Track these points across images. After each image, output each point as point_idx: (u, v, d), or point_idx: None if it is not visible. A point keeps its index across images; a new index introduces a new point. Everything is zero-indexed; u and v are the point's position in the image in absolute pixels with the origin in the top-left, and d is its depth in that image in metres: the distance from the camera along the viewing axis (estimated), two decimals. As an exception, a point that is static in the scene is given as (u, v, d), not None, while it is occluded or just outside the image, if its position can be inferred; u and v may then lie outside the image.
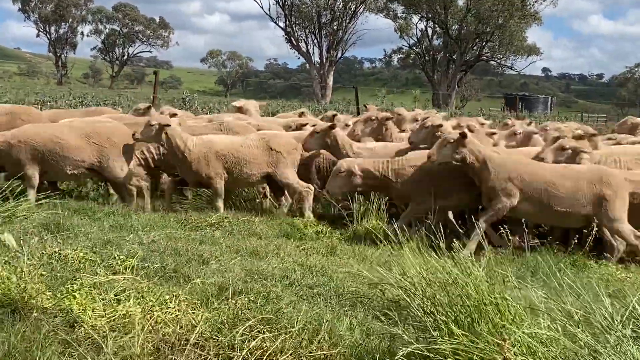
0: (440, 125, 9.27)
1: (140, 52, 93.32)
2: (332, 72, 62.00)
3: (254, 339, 4.26)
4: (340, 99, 63.58)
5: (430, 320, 4.18)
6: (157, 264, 6.01)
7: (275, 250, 6.97)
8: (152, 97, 19.08)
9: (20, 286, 4.76)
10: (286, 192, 9.24)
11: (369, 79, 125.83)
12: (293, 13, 61.81)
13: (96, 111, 12.69)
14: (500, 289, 4.30)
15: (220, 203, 8.86)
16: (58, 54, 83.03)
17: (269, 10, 62.35)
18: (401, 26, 66.25)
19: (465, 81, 69.31)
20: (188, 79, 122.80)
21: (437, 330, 4.05)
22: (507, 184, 7.86)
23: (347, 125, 11.47)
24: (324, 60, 61.72)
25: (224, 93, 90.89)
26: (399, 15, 66.22)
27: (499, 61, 66.92)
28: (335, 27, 61.75)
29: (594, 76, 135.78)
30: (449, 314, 4.13)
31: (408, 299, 4.60)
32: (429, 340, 4.03)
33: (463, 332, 3.89)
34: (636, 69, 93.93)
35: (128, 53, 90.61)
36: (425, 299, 4.45)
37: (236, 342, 4.28)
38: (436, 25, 65.95)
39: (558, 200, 7.83)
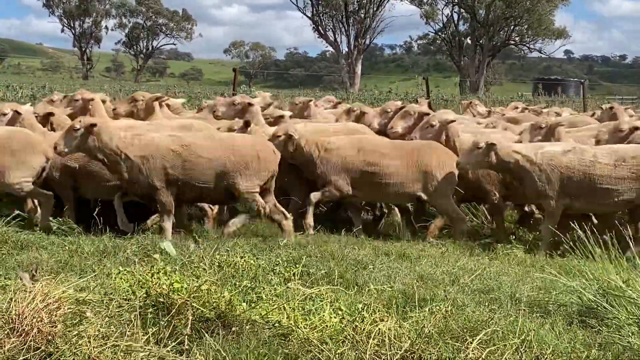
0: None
1: (165, 44, 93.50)
2: (360, 61, 61.75)
3: (471, 350, 4.24)
4: (372, 86, 63.45)
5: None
6: (322, 270, 6.01)
7: (422, 252, 6.97)
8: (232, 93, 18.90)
9: (224, 298, 4.76)
10: None
11: (390, 65, 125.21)
12: (320, 2, 61.60)
13: None
14: None
15: None
16: (83, 49, 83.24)
17: (296, 0, 62.02)
18: (427, 12, 65.77)
19: (490, 66, 68.82)
20: (209, 71, 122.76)
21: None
22: None
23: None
24: (352, 48, 61.50)
25: (246, 83, 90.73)
26: (425, 1, 65.77)
27: (527, 45, 66.36)
28: (362, 15, 61.49)
29: (617, 57, 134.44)
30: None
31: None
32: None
33: None
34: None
35: (152, 46, 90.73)
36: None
37: (460, 355, 4.24)
38: (462, 10, 65.45)
39: None
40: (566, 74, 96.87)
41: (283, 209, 7.87)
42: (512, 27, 63.98)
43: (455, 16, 66.80)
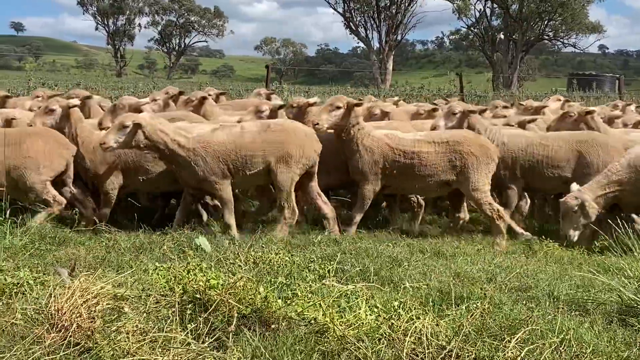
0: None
1: (197, 42, 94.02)
2: (391, 57, 61.54)
3: (509, 349, 4.19)
4: (403, 82, 63.13)
5: None
6: (357, 267, 5.99)
7: (457, 249, 6.92)
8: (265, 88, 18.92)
9: (259, 294, 4.77)
10: None
11: (421, 61, 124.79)
12: (351, -2, 61.60)
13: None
14: None
15: None
16: (116, 46, 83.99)
17: (329, -4, 61.97)
18: (459, 7, 65.24)
19: (523, 61, 68.11)
20: (240, 67, 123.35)
21: None
22: None
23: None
24: (383, 44, 61.31)
25: (277, 80, 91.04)
26: (458, -5, 65.25)
27: (562, 40, 65.56)
28: (394, 11, 61.26)
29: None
30: None
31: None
32: None
33: None
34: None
35: (184, 43, 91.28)
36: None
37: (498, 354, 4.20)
38: (495, 5, 64.84)
39: None
40: (600, 68, 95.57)
41: None
42: (545, 22, 63.24)
43: (488, 11, 66.21)
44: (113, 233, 7.14)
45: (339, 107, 7.78)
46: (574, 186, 7.85)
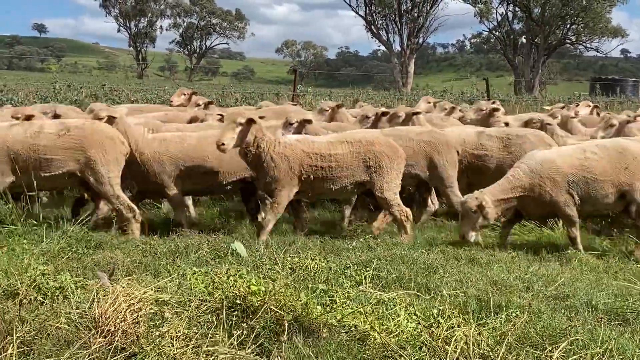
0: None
1: (218, 44, 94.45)
2: (413, 60, 61.46)
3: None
4: (424, 85, 62.99)
5: None
6: (393, 273, 6.00)
7: (492, 257, 6.91)
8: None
9: (300, 301, 4.78)
10: None
11: (442, 64, 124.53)
12: (373, 1, 61.49)
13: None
14: None
15: None
16: (138, 48, 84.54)
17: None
18: (481, 10, 65.04)
19: (545, 65, 67.77)
20: (261, 70, 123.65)
21: None
22: None
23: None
24: (405, 47, 61.23)
25: (299, 82, 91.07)
26: (479, -1, 65.05)
27: (584, 44, 65.16)
28: (415, 14, 61.17)
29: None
30: None
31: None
32: None
33: None
34: None
35: (205, 45, 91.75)
36: None
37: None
38: (517, 9, 64.59)
39: None
40: (623, 73, 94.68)
41: None
42: (568, 26, 62.91)
43: (510, 14, 65.97)
44: (149, 237, 7.20)
45: (241, 124, 7.81)
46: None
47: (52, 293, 5.00)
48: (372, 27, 62.20)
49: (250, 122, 7.72)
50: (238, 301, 4.78)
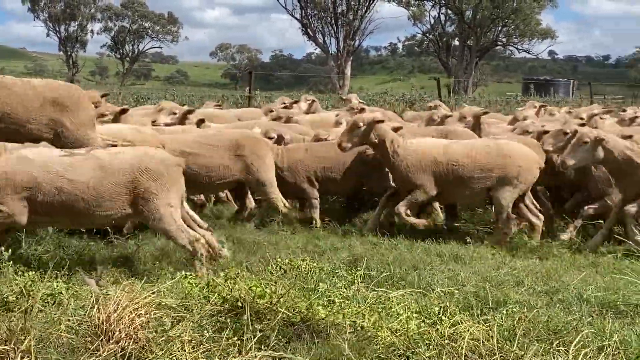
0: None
1: (151, 47, 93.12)
2: (349, 62, 61.75)
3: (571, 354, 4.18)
4: (358, 87, 63.31)
5: None
6: (384, 272, 5.98)
7: (475, 253, 6.95)
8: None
9: (305, 302, 4.71)
10: None
11: (375, 67, 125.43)
12: (309, 4, 61.57)
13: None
14: None
15: None
16: (68, 53, 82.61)
17: (285, 2, 61.83)
18: (414, 13, 65.88)
19: (477, 67, 69.03)
20: (194, 73, 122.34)
21: None
22: None
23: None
24: (341, 50, 61.46)
25: (232, 86, 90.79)
26: (412, 2, 65.86)
27: (515, 46, 66.63)
28: (351, 17, 61.46)
29: (600, 58, 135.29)
30: None
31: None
32: None
33: None
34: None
35: (138, 49, 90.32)
36: None
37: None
38: (450, 12, 65.64)
39: None
40: (551, 74, 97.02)
41: None
42: (499, 28, 64.25)
43: (443, 17, 67.03)
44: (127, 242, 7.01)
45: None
46: None
47: (44, 300, 4.82)
48: (309, 30, 62.28)
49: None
50: (239, 304, 4.69)
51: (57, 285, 4.94)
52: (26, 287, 4.86)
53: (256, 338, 4.25)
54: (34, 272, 5.13)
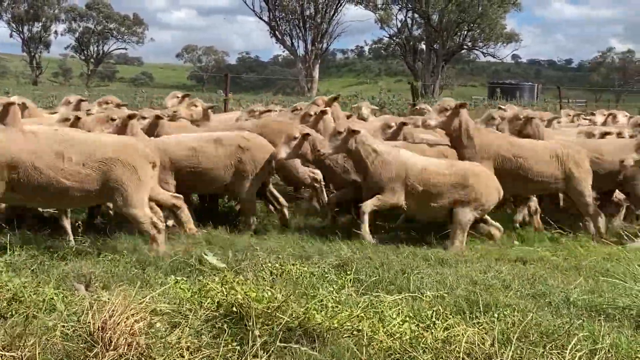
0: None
1: (116, 49, 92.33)
2: (317, 65, 61.91)
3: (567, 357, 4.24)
4: (325, 90, 63.32)
5: None
6: (374, 276, 5.99)
7: (460, 257, 7.00)
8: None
9: (302, 307, 4.71)
10: None
11: (342, 70, 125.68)
12: (277, 6, 61.61)
13: None
14: None
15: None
16: (32, 54, 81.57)
17: (252, 4, 61.85)
18: (381, 17, 66.25)
19: (443, 70, 69.63)
20: (160, 75, 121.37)
21: None
22: None
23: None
24: (309, 53, 61.59)
25: (198, 88, 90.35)
26: (379, 6, 66.26)
27: (480, 50, 67.37)
28: (319, 20, 61.63)
29: (563, 61, 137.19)
30: None
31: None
32: None
33: None
34: (608, 54, 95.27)
35: (103, 51, 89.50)
36: None
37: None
38: (416, 15, 66.12)
39: None
40: (515, 77, 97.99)
41: None
42: (465, 32, 64.90)
43: (410, 21, 67.51)
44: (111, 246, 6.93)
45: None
46: None
47: (35, 306, 4.75)
48: (277, 32, 62.33)
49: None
50: (234, 309, 4.68)
51: (49, 291, 4.87)
52: (17, 294, 4.79)
53: (258, 344, 4.22)
54: (25, 278, 5.05)
